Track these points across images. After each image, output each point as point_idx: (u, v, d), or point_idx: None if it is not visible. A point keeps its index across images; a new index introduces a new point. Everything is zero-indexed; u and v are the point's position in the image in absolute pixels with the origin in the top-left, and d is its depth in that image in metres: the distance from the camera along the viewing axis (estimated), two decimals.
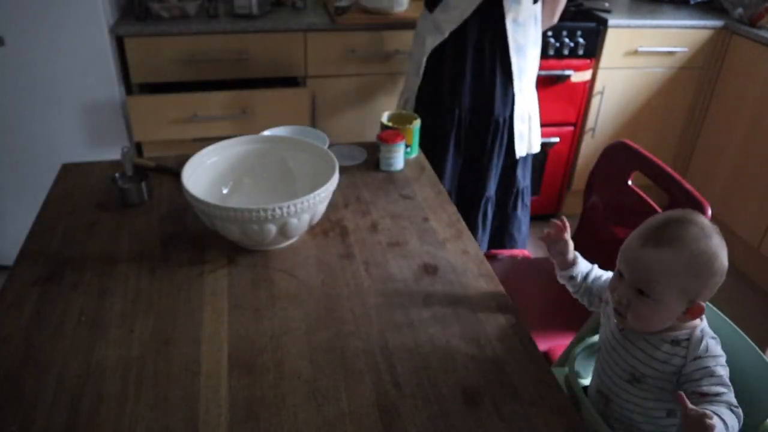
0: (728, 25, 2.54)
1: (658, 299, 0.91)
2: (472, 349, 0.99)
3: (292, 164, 1.32)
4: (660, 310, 0.92)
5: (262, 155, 1.32)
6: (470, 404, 0.89)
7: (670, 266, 0.90)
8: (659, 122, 2.75)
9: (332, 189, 1.17)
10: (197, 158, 1.23)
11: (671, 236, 0.90)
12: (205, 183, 1.23)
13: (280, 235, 1.13)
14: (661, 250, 0.90)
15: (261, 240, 1.13)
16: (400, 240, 1.25)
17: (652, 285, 0.91)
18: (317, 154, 1.28)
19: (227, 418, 0.85)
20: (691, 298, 0.91)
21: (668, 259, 0.90)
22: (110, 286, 1.09)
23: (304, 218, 1.14)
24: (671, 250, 0.90)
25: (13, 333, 0.98)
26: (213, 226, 1.14)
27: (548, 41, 2.44)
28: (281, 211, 1.08)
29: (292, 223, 1.11)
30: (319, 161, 1.26)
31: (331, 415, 0.86)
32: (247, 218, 1.08)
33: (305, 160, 1.30)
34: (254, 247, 1.19)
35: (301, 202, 1.09)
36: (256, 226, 1.10)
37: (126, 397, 0.88)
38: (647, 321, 0.95)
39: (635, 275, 0.93)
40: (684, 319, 0.93)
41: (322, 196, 1.13)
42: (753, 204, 2.52)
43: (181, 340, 0.98)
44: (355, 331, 1.01)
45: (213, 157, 1.27)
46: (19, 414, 0.84)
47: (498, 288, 1.13)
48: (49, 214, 1.28)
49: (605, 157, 1.57)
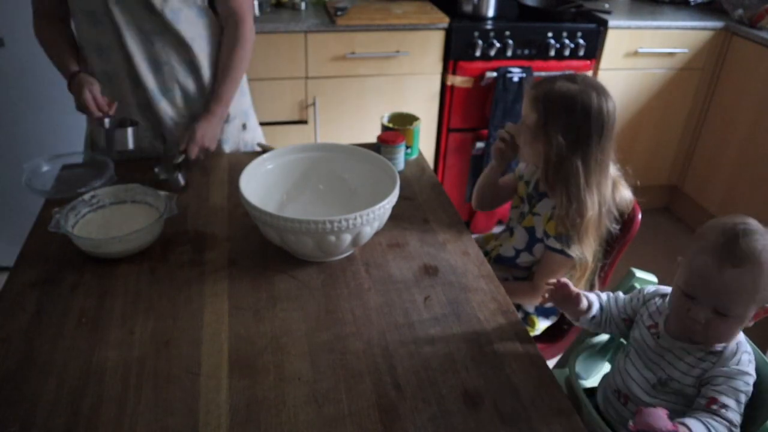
0: (728, 26, 2.54)
1: (738, 315, 0.90)
2: (473, 350, 0.99)
3: (343, 172, 1.30)
4: (739, 324, 0.92)
5: (310, 164, 1.30)
6: (470, 405, 0.89)
7: (750, 285, 0.88)
8: (659, 123, 2.75)
9: (396, 195, 1.14)
10: (253, 167, 1.21)
11: (744, 253, 0.87)
12: (259, 193, 1.19)
13: (351, 245, 1.12)
14: (739, 270, 0.88)
15: (334, 250, 1.12)
16: (400, 241, 1.25)
17: (734, 305, 0.90)
18: (370, 161, 1.27)
19: (227, 419, 0.85)
20: (763, 304, 0.91)
21: (748, 278, 0.88)
22: (110, 287, 1.09)
23: (375, 226, 1.12)
24: (749, 269, 0.87)
25: (13, 334, 0.98)
26: (280, 240, 1.11)
27: (549, 42, 2.44)
28: (360, 220, 1.06)
29: (365, 232, 1.10)
30: (371, 168, 1.26)
31: (331, 416, 0.86)
32: (322, 230, 1.05)
33: (356, 168, 1.29)
34: (317, 259, 1.17)
35: (372, 211, 1.07)
36: (333, 237, 1.07)
37: (126, 397, 0.88)
38: (727, 337, 0.94)
39: (714, 298, 0.90)
40: (750, 323, 0.93)
41: (389, 206, 1.11)
42: (753, 204, 2.52)
43: (181, 341, 0.98)
44: (355, 332, 1.01)
45: (268, 164, 1.26)
46: (19, 415, 0.84)
47: (498, 289, 1.13)
48: (49, 214, 1.28)
49: None
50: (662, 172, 2.91)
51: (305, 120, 2.40)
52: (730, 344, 0.94)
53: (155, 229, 1.18)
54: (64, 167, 1.42)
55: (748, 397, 0.90)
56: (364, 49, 2.29)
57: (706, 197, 2.80)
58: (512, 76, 2.40)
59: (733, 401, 0.88)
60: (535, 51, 2.46)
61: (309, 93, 2.35)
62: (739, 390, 0.89)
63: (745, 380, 0.91)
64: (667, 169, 2.91)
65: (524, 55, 2.45)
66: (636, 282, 1.21)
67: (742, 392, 0.89)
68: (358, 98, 2.40)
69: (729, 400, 0.88)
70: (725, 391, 0.90)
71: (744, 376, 0.91)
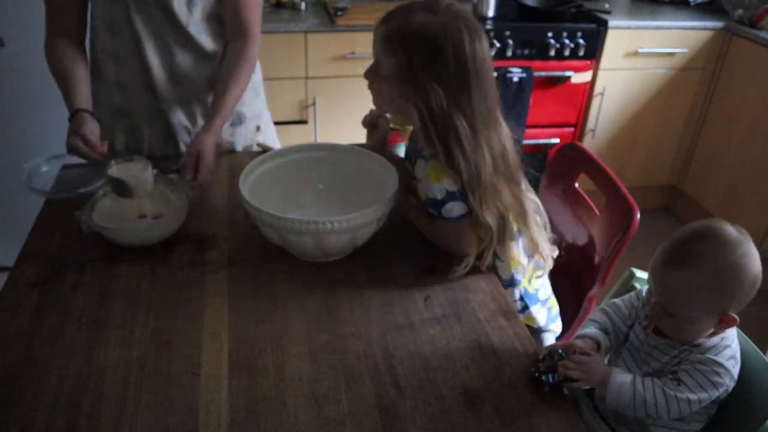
0: (728, 26, 2.54)
1: (684, 317, 0.91)
2: (473, 350, 0.99)
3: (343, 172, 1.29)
4: (688, 326, 0.92)
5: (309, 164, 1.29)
6: (471, 405, 0.89)
7: (689, 286, 0.89)
8: (660, 123, 2.75)
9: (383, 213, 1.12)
10: (252, 167, 1.20)
11: (690, 255, 0.88)
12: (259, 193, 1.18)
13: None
14: (681, 271, 0.89)
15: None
16: (400, 241, 1.25)
17: (676, 305, 0.91)
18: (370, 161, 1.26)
19: (227, 419, 0.85)
20: (721, 311, 0.90)
21: (688, 280, 0.88)
22: (110, 287, 1.09)
23: (374, 226, 1.12)
24: (691, 270, 0.88)
25: (13, 334, 0.98)
26: (280, 240, 1.11)
27: (549, 42, 2.44)
28: (360, 220, 1.05)
29: (364, 231, 1.09)
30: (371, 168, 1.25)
31: (331, 416, 0.86)
32: (322, 230, 1.04)
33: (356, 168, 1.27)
34: (317, 259, 1.16)
35: (372, 211, 1.07)
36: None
37: (126, 398, 0.88)
38: (679, 335, 0.95)
39: (660, 296, 0.92)
40: (720, 329, 0.93)
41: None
42: (753, 204, 2.52)
43: (181, 341, 0.98)
44: (355, 332, 1.01)
45: (268, 164, 1.25)
46: (19, 415, 0.84)
47: (498, 288, 1.13)
48: (49, 214, 1.28)
49: (557, 157, 1.57)
50: (662, 172, 2.91)
51: (305, 120, 2.40)
52: (712, 338, 0.94)
53: (183, 211, 1.21)
54: (64, 167, 1.41)
55: (717, 389, 0.90)
56: (364, 49, 2.29)
57: (706, 197, 2.80)
58: (512, 76, 2.40)
59: (693, 382, 0.89)
60: (535, 51, 2.46)
61: (309, 93, 2.35)
62: (703, 374, 0.89)
63: (716, 369, 0.90)
64: (667, 169, 2.91)
65: (524, 55, 2.45)
66: (636, 282, 1.21)
67: (707, 379, 0.89)
68: (358, 98, 2.40)
69: (687, 378, 0.89)
70: (688, 370, 0.90)
71: (716, 366, 0.90)
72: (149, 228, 1.16)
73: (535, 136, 2.66)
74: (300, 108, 2.37)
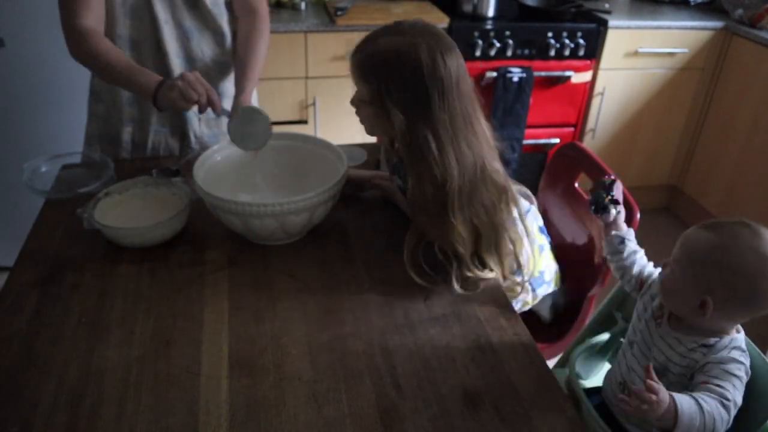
0: (728, 25, 2.54)
1: (678, 276, 0.94)
2: (473, 350, 0.99)
3: (295, 159, 1.34)
4: (675, 287, 0.95)
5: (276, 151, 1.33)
6: (470, 405, 0.89)
7: (696, 245, 0.92)
8: (660, 123, 2.75)
9: (337, 190, 1.17)
10: (209, 153, 1.26)
11: (722, 226, 0.92)
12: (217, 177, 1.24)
13: (282, 231, 1.16)
14: (703, 232, 0.93)
15: (263, 235, 1.17)
16: (400, 241, 1.25)
17: (677, 256, 0.94)
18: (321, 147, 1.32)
19: (227, 419, 0.85)
20: (704, 290, 0.91)
21: (700, 240, 0.92)
22: (110, 287, 1.09)
23: (303, 216, 1.15)
24: (709, 234, 0.91)
25: (13, 334, 0.98)
26: (218, 218, 1.17)
27: (549, 42, 2.44)
28: (281, 208, 1.10)
29: (291, 219, 1.13)
30: (323, 153, 1.31)
31: (331, 416, 0.86)
32: (248, 212, 1.10)
33: (308, 154, 1.33)
34: (257, 240, 1.21)
35: (302, 199, 1.10)
36: (257, 221, 1.11)
37: (126, 398, 0.88)
38: (665, 291, 0.97)
39: (674, 253, 0.96)
40: (697, 314, 0.93)
41: (323, 197, 1.14)
42: (754, 204, 2.52)
43: (181, 341, 0.98)
44: (355, 332, 1.01)
45: (224, 152, 1.29)
46: (19, 415, 0.84)
47: (498, 288, 1.13)
48: (49, 214, 1.28)
49: (557, 157, 1.57)
50: (662, 172, 2.91)
51: (305, 120, 2.40)
52: (722, 339, 0.94)
53: (186, 212, 1.22)
54: (64, 167, 1.42)
55: (743, 383, 0.90)
56: None
57: (706, 197, 2.80)
58: (512, 76, 2.40)
59: (727, 383, 0.88)
60: (535, 51, 2.46)
61: (309, 93, 2.35)
62: (731, 373, 0.89)
63: (738, 366, 0.91)
64: (667, 169, 2.91)
65: (524, 55, 2.45)
66: None
67: (735, 376, 0.89)
68: None
69: (721, 381, 0.89)
70: (718, 375, 0.90)
71: (736, 363, 0.91)
72: (151, 228, 1.16)
73: (535, 136, 2.65)
74: (300, 108, 2.37)
